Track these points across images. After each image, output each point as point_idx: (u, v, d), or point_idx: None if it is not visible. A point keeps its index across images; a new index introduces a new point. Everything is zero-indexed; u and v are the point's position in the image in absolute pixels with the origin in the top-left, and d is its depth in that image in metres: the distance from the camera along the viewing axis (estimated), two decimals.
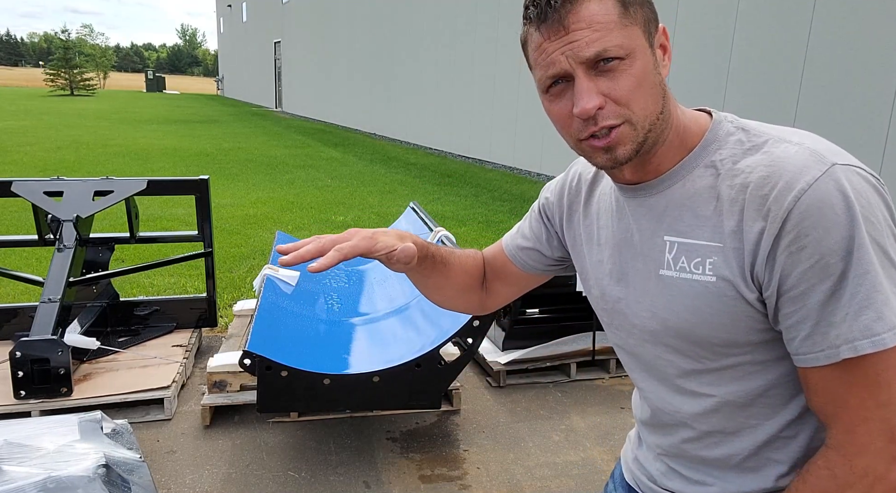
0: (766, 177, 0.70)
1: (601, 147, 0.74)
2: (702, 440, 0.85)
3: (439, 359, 2.51)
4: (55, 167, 9.39)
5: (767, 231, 0.69)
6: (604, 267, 0.89)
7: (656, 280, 0.80)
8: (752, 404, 0.79)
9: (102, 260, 3.46)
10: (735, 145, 0.76)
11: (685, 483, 0.89)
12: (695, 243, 0.76)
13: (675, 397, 0.85)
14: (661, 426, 0.90)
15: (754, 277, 0.72)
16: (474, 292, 1.08)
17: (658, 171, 0.80)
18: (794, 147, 0.72)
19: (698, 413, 0.83)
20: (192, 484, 2.39)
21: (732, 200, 0.73)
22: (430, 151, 13.60)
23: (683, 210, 0.77)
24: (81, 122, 17.66)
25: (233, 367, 2.79)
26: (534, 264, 1.06)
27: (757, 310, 0.73)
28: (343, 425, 2.81)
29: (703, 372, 0.81)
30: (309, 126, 19.67)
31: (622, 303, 0.86)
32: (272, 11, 27.52)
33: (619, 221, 0.86)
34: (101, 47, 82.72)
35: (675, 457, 0.90)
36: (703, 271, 0.75)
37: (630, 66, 0.71)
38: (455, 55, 12.34)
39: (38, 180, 3.20)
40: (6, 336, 3.32)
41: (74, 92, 36.70)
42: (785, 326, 0.72)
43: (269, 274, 3.10)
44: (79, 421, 1.95)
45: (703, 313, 0.75)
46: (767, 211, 0.69)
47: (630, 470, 1.02)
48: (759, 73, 6.29)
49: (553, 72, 0.73)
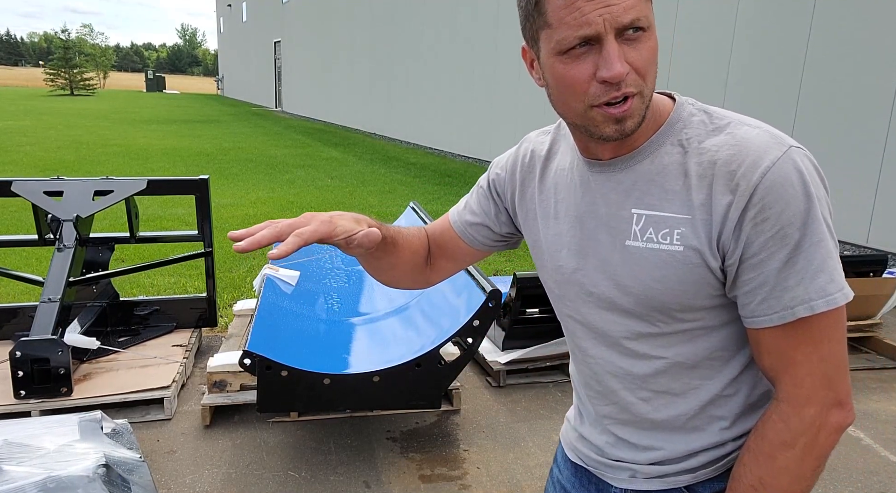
0: (734, 155, 0.76)
1: (615, 116, 0.75)
2: (650, 401, 0.89)
3: (439, 359, 2.51)
4: (55, 167, 9.39)
5: (735, 204, 0.75)
6: (562, 239, 0.91)
7: (622, 251, 0.83)
8: (698, 365, 0.85)
9: (102, 260, 3.46)
10: (699, 126, 0.81)
11: (634, 451, 0.93)
12: (663, 216, 0.80)
13: (625, 359, 0.89)
14: (610, 392, 0.92)
15: (720, 245, 0.77)
16: (420, 269, 1.09)
17: (630, 146, 0.83)
18: (755, 130, 0.78)
19: (648, 374, 0.88)
20: (192, 484, 2.39)
21: (701, 176, 0.78)
22: (430, 151, 13.59)
23: (652, 185, 0.81)
24: (81, 121, 17.66)
25: (233, 367, 2.79)
26: (482, 240, 1.06)
27: (716, 277, 0.79)
28: (343, 425, 2.81)
29: (656, 335, 0.85)
30: (309, 126, 19.67)
31: (579, 273, 0.89)
32: (272, 11, 27.52)
33: (582, 195, 0.88)
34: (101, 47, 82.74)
35: (623, 425, 0.93)
36: (671, 241, 0.79)
37: (649, 39, 0.74)
38: (455, 55, 12.34)
39: (38, 180, 3.20)
40: (6, 336, 3.32)
41: (74, 92, 36.70)
42: (743, 291, 0.78)
43: (269, 274, 3.10)
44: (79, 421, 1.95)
45: (668, 281, 0.80)
46: (736, 186, 0.75)
47: (574, 448, 1.04)
48: (759, 73, 6.29)
49: (584, 32, 0.71)
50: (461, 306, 2.66)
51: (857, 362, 3.57)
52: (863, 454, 2.71)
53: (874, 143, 5.31)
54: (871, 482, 2.52)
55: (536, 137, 1.00)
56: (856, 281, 3.61)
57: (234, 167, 10.29)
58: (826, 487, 2.48)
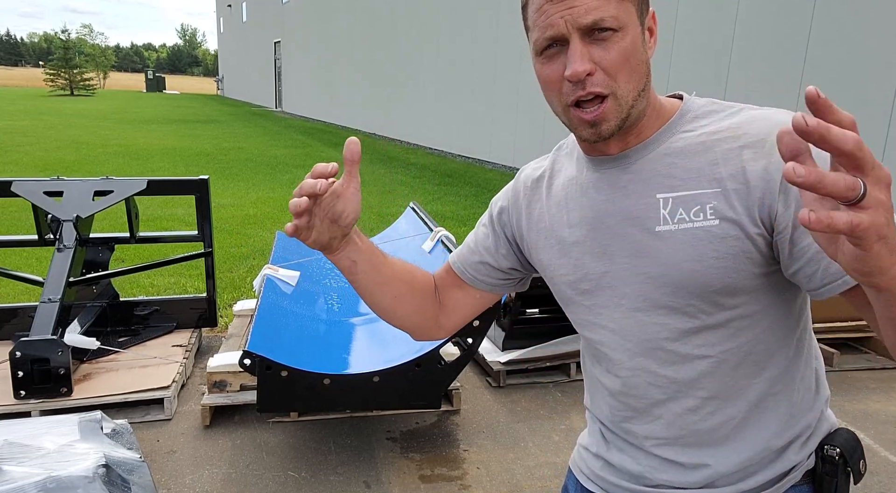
0: (759, 128, 0.76)
1: (588, 121, 0.77)
2: (700, 409, 0.84)
3: (439, 359, 2.51)
4: (55, 167, 9.39)
5: (774, 165, 0.73)
6: (583, 246, 0.88)
7: (652, 238, 0.81)
8: (742, 362, 0.82)
9: (102, 260, 3.46)
10: (711, 115, 0.82)
11: (681, 472, 0.87)
12: (690, 194, 0.78)
13: (667, 366, 0.84)
14: (653, 406, 0.87)
15: (763, 211, 0.74)
16: (427, 304, 1.02)
17: (639, 139, 0.83)
18: (770, 110, 0.79)
19: (694, 379, 0.83)
20: (192, 484, 2.39)
21: (727, 151, 0.77)
22: (430, 151, 13.59)
23: (672, 167, 0.80)
24: (81, 121, 17.66)
25: (233, 367, 2.79)
26: (482, 279, 1.02)
27: (758, 249, 0.76)
28: (343, 425, 2.81)
29: (699, 331, 0.81)
30: (309, 126, 19.67)
31: (608, 276, 0.86)
32: (272, 11, 27.52)
33: (595, 195, 0.86)
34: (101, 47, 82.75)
35: (670, 444, 0.87)
36: (705, 216, 0.77)
37: (622, 39, 0.74)
38: (455, 55, 12.34)
39: (38, 180, 3.20)
40: (6, 336, 3.32)
41: (74, 92, 36.69)
42: (804, 261, 0.73)
43: (269, 274, 3.10)
44: (79, 421, 1.95)
45: (706, 258, 0.77)
46: (770, 150, 0.73)
47: (597, 478, 0.97)
48: (759, 73, 6.29)
49: (550, 34, 0.75)
50: None
51: (857, 362, 3.57)
52: None
53: (874, 143, 5.31)
54: (872, 482, 2.52)
55: (534, 164, 1.01)
56: None
57: (234, 167, 10.29)
58: None
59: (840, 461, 0.84)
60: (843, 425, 0.90)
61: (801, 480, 0.86)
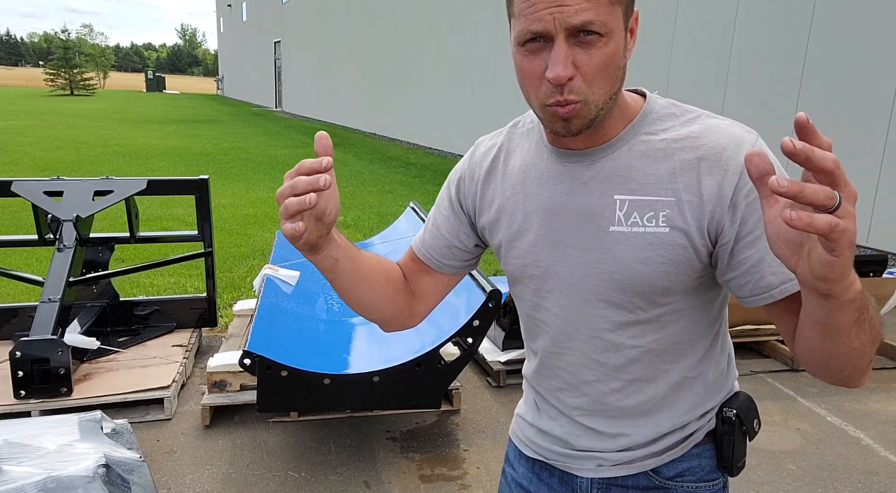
0: (717, 141, 0.80)
1: (561, 116, 0.78)
2: (623, 390, 0.92)
3: (439, 359, 2.51)
4: (55, 167, 9.39)
5: (726, 183, 0.78)
6: (534, 234, 0.90)
7: (604, 236, 0.85)
8: (667, 350, 0.89)
9: (102, 260, 3.46)
10: (671, 118, 0.85)
11: (602, 439, 0.95)
12: (646, 199, 0.82)
13: (601, 354, 0.91)
14: (583, 384, 0.94)
15: (711, 225, 0.80)
16: (400, 295, 1.02)
17: (604, 138, 0.85)
18: (724, 120, 0.83)
19: (622, 364, 0.90)
20: (192, 484, 2.39)
21: (685, 161, 0.81)
22: (430, 151, 13.59)
23: (632, 171, 0.83)
24: (81, 121, 17.66)
25: (233, 367, 2.79)
26: (448, 263, 1.03)
27: (699, 258, 0.82)
28: (343, 425, 2.81)
29: (633, 324, 0.88)
30: (309, 126, 19.67)
31: (558, 265, 0.89)
32: (272, 11, 27.52)
33: (555, 186, 0.88)
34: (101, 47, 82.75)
35: (593, 414, 0.95)
36: (657, 223, 0.82)
37: (605, 45, 0.75)
38: (455, 55, 12.34)
39: (38, 180, 3.20)
40: (6, 336, 3.32)
41: (74, 92, 36.71)
42: (742, 270, 0.80)
43: (269, 274, 3.10)
44: (79, 421, 1.95)
45: (652, 262, 0.83)
46: (725, 166, 0.78)
47: (531, 443, 1.04)
48: (759, 73, 6.29)
49: (535, 28, 0.74)
50: (461, 306, 2.66)
51: None
52: (863, 454, 2.71)
53: (874, 143, 5.31)
54: (872, 482, 2.52)
55: (489, 139, 1.01)
56: None
57: (234, 167, 10.29)
58: (826, 487, 2.48)
59: (736, 421, 0.92)
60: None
61: (703, 439, 0.95)
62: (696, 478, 0.94)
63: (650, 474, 0.94)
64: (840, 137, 5.57)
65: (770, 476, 2.54)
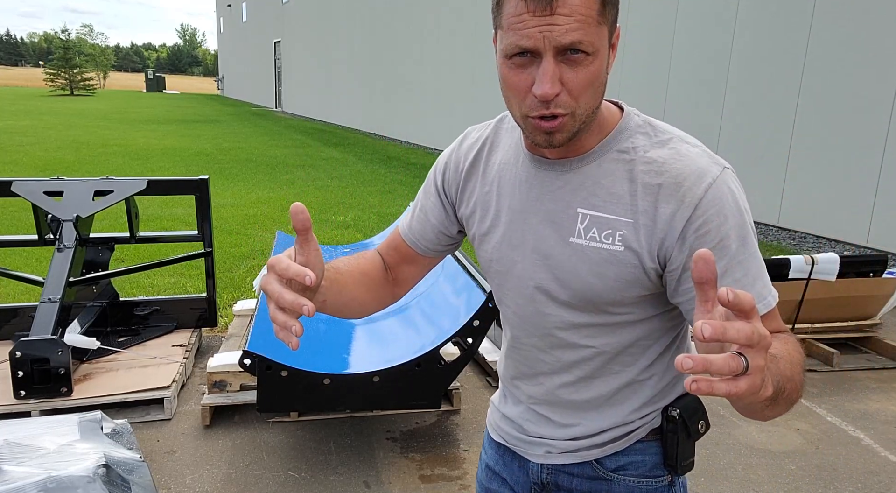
0: (679, 169, 0.82)
1: (545, 129, 0.80)
2: (574, 384, 0.97)
3: (439, 359, 2.51)
4: (55, 167, 9.39)
5: (680, 214, 0.81)
6: (503, 232, 0.94)
7: (564, 246, 0.88)
8: (620, 353, 0.93)
9: (102, 260, 3.46)
10: (644, 138, 0.87)
11: (553, 427, 1.00)
12: (607, 217, 0.85)
13: (556, 348, 0.95)
14: (537, 375, 0.99)
15: (661, 251, 0.83)
16: (381, 287, 1.05)
17: (577, 150, 0.88)
18: (695, 148, 0.85)
19: (575, 361, 0.95)
20: (192, 484, 2.39)
21: (647, 185, 0.83)
22: (430, 151, 13.60)
23: (598, 188, 0.86)
24: (81, 121, 17.66)
25: (233, 367, 2.79)
26: (434, 247, 1.07)
27: (649, 277, 0.86)
28: (343, 425, 2.81)
29: (586, 326, 0.92)
30: (309, 126, 19.67)
31: (518, 266, 0.94)
32: (272, 11, 27.52)
33: (527, 190, 0.92)
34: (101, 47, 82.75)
35: (545, 404, 1.00)
36: (613, 241, 0.85)
37: (591, 64, 0.77)
38: (455, 55, 12.34)
39: (38, 180, 3.20)
40: (6, 336, 3.32)
41: (74, 92, 36.71)
42: (687, 298, 0.84)
43: None
44: (79, 421, 1.95)
45: (605, 277, 0.86)
46: (682, 197, 0.81)
47: (497, 427, 1.10)
48: (759, 73, 6.29)
49: (525, 45, 0.76)
50: (461, 306, 2.66)
51: (857, 362, 3.58)
52: (863, 454, 2.71)
53: (874, 143, 5.31)
54: (872, 482, 2.52)
55: (478, 131, 1.03)
56: (856, 281, 3.61)
57: (234, 167, 10.29)
58: (826, 487, 2.48)
59: (679, 421, 0.96)
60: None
61: (647, 436, 0.98)
62: (638, 473, 0.98)
63: (594, 464, 0.99)
64: (840, 137, 5.57)
65: (770, 476, 2.54)
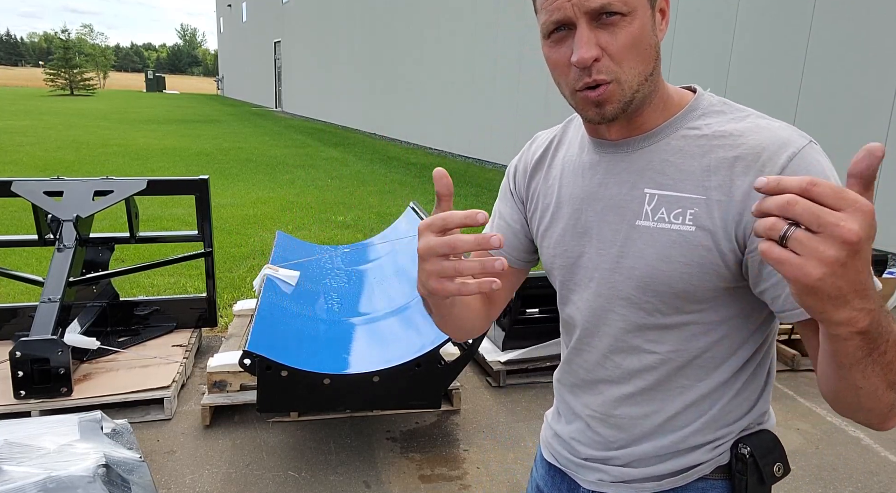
0: (759, 140, 0.75)
1: (592, 100, 0.77)
2: (634, 397, 0.88)
3: (439, 359, 2.51)
4: (55, 167, 9.38)
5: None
6: (563, 224, 0.90)
7: (630, 230, 0.82)
8: (687, 365, 0.84)
9: (102, 260, 3.46)
10: (718, 115, 0.81)
11: (605, 449, 0.92)
12: (676, 195, 0.79)
13: (617, 353, 0.88)
14: (595, 382, 0.92)
15: (739, 229, 0.75)
16: (486, 306, 1.01)
17: (642, 129, 0.83)
18: (777, 123, 0.78)
19: (637, 370, 0.87)
20: (192, 484, 2.39)
21: (721, 159, 0.77)
22: (430, 151, 13.59)
23: (666, 165, 0.80)
24: (81, 121, 17.65)
25: (233, 367, 2.79)
26: (519, 256, 1.01)
27: (725, 263, 0.77)
28: (343, 425, 2.81)
29: (652, 328, 0.84)
30: (309, 126, 19.67)
31: (583, 258, 0.88)
32: (272, 11, 27.52)
33: (590, 177, 0.87)
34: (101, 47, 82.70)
35: (601, 419, 0.92)
36: (683, 221, 0.78)
37: (630, 24, 0.73)
38: (455, 54, 12.34)
39: (38, 180, 3.20)
40: (6, 336, 3.32)
41: (74, 92, 36.70)
42: (772, 282, 0.74)
43: (269, 274, 3.10)
44: (79, 421, 1.95)
45: (674, 261, 0.79)
46: (762, 166, 0.74)
47: (549, 446, 1.04)
48: (759, 73, 6.29)
49: (556, 18, 0.74)
50: None
51: None
52: (863, 454, 2.71)
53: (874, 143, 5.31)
54: (872, 482, 2.52)
55: (546, 134, 1.01)
56: None
57: (234, 167, 10.29)
58: (826, 487, 2.48)
59: (751, 461, 0.85)
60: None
61: (711, 474, 0.88)
62: None
63: None
64: (840, 137, 5.57)
65: None
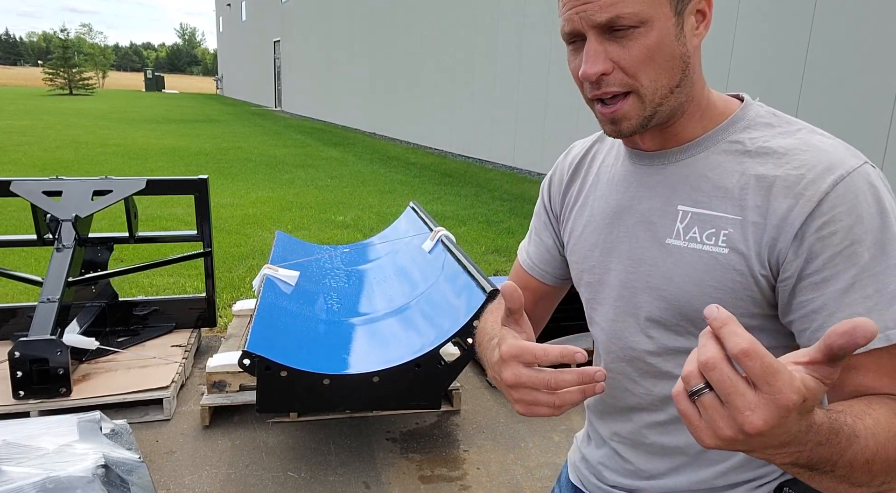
0: (804, 160, 0.70)
1: (607, 117, 0.75)
2: (665, 425, 0.83)
3: (439, 359, 2.50)
4: (54, 167, 9.37)
5: (798, 209, 0.68)
6: (593, 239, 0.87)
7: (660, 249, 0.78)
8: None
9: (101, 260, 3.45)
10: (765, 128, 0.75)
11: (635, 478, 0.87)
12: (711, 214, 0.74)
13: (647, 378, 0.83)
14: (625, 410, 0.87)
15: (773, 255, 0.70)
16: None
17: (679, 140, 0.78)
18: (829, 140, 0.72)
19: (667, 396, 0.81)
20: (192, 485, 2.38)
21: (761, 177, 0.71)
22: (430, 151, 13.59)
23: (703, 181, 0.75)
24: (80, 121, 17.64)
25: (232, 367, 2.78)
26: (552, 272, 0.99)
27: (759, 288, 0.72)
28: (343, 425, 2.81)
29: (681, 352, 0.79)
30: (309, 126, 19.66)
31: (610, 275, 0.84)
32: (272, 11, 27.51)
33: (624, 190, 0.83)
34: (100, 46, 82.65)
35: (630, 445, 0.87)
36: (716, 242, 0.73)
37: (644, 36, 0.70)
38: (455, 55, 12.33)
39: (37, 180, 3.19)
40: (5, 336, 3.31)
41: (73, 91, 36.68)
42: (799, 315, 0.70)
43: (269, 274, 3.09)
44: (78, 421, 1.95)
45: (704, 285, 0.74)
46: (802, 190, 0.68)
47: (576, 469, 1.00)
48: (759, 73, 6.29)
49: (567, 29, 0.73)
50: (461, 306, 2.66)
51: None
52: None
53: (875, 143, 5.31)
54: None
55: (582, 143, 0.98)
56: None
57: (234, 167, 10.28)
58: None
59: None
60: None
61: None
62: None
63: None
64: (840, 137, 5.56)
65: None
